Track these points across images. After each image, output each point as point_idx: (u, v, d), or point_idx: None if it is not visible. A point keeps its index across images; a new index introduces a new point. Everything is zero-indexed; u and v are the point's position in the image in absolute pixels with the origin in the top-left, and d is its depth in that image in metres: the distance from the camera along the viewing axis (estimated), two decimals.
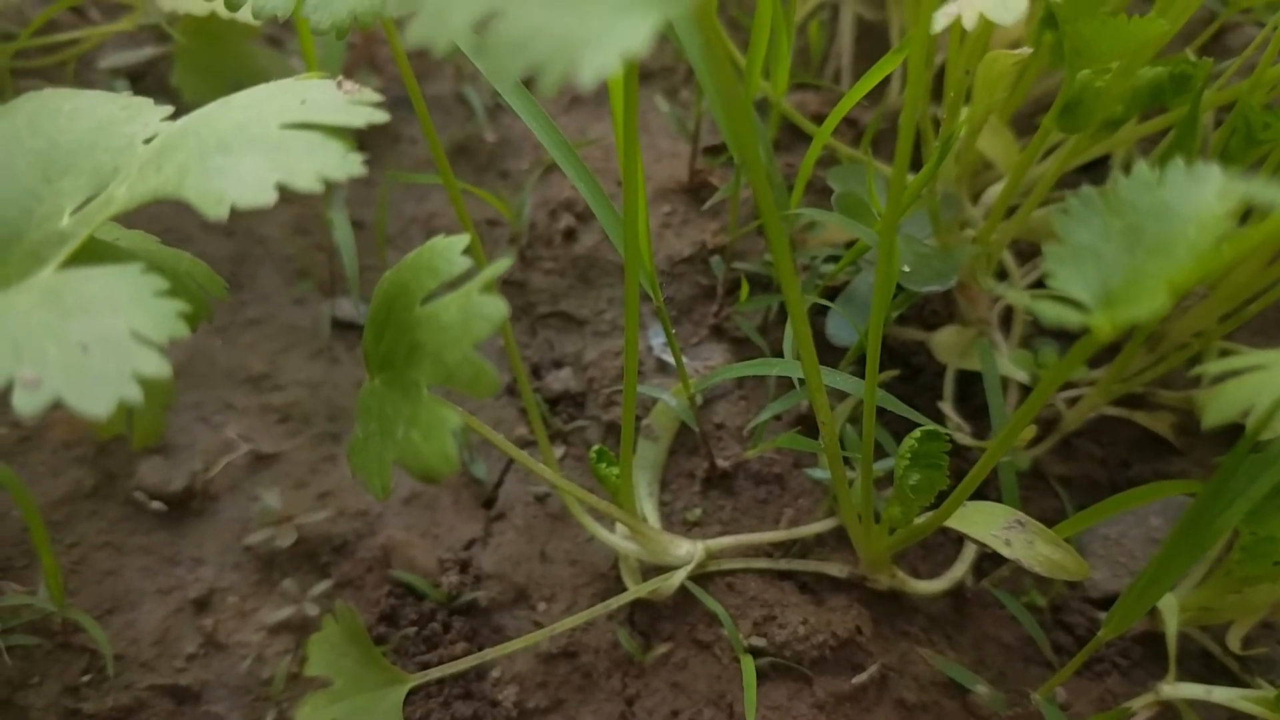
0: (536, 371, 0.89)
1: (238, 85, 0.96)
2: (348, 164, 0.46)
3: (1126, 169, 0.90)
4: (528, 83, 0.59)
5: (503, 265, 0.48)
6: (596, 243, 0.93)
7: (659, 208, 0.92)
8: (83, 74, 1.03)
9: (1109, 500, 0.63)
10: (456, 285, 0.50)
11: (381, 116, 0.48)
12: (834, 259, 0.82)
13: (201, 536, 0.81)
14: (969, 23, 0.49)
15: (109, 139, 0.52)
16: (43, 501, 0.81)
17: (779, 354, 0.85)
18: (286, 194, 0.45)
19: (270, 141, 0.46)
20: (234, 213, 0.45)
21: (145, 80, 1.03)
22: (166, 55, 1.02)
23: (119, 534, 0.80)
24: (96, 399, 0.40)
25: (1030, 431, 0.74)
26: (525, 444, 0.86)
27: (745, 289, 0.81)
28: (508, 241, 0.95)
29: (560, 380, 0.87)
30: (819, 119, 0.94)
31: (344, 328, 0.93)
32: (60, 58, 1.01)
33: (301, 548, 0.80)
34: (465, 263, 0.50)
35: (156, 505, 0.81)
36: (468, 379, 0.46)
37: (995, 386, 0.75)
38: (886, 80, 1.01)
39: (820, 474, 0.78)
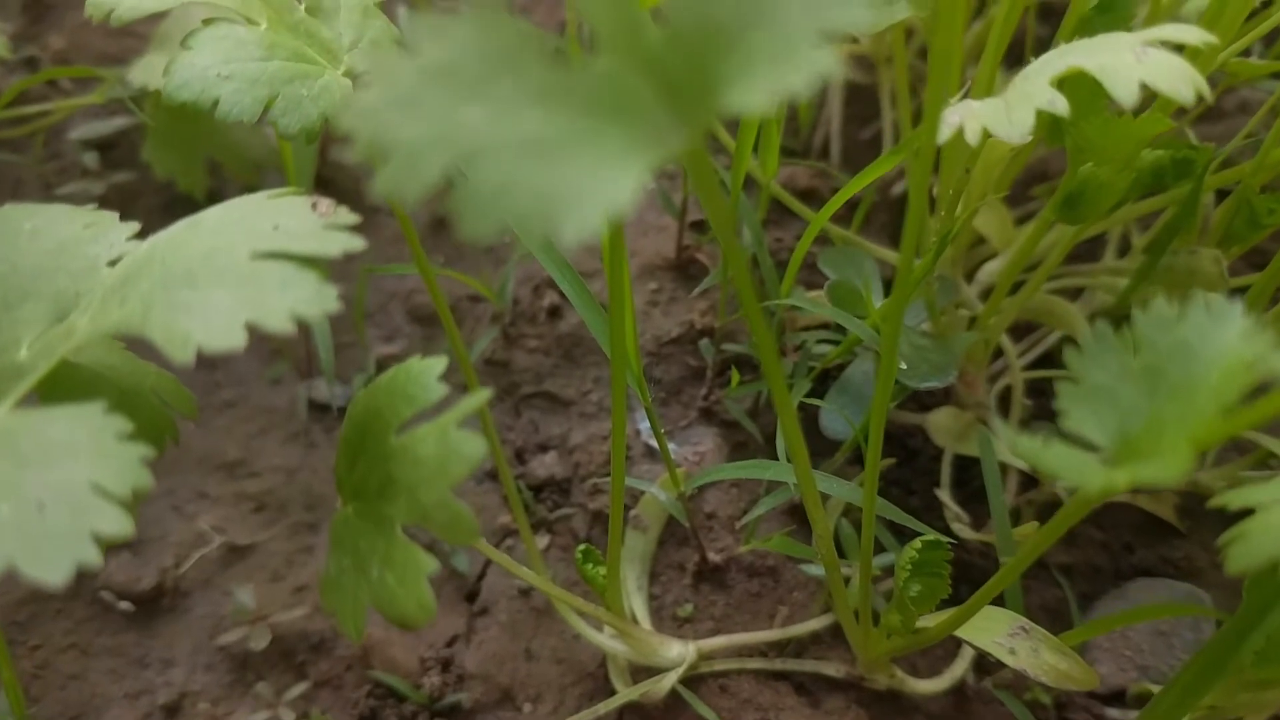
0: (520, 455, 0.86)
1: (210, 160, 0.94)
2: (321, 299, 0.43)
3: (1123, 247, 0.88)
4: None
5: (482, 397, 0.45)
6: (582, 320, 0.91)
7: (645, 285, 0.90)
8: (52, 144, 1.01)
9: (1121, 614, 0.60)
10: (435, 410, 0.48)
11: (357, 243, 0.45)
12: (827, 341, 0.80)
13: (172, 636, 0.78)
14: (972, 137, 0.47)
15: (71, 261, 0.49)
16: (5, 601, 0.77)
17: (770, 438, 0.82)
18: None
19: (240, 274, 0.44)
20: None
21: (116, 151, 1.00)
22: (138, 125, 0.99)
23: (85, 635, 0.77)
24: (52, 565, 0.37)
25: (1032, 528, 0.72)
26: (508, 532, 0.83)
27: (735, 378, 0.79)
28: (490, 319, 0.93)
29: (545, 466, 0.84)
30: (808, 195, 0.92)
31: (321, 409, 0.90)
32: (30, 129, 0.98)
33: (277, 646, 0.77)
34: (440, 390, 0.47)
35: (124, 605, 0.78)
36: (444, 523, 0.44)
37: (995, 479, 0.72)
38: (878, 149, 0.99)
39: (815, 570, 0.75)
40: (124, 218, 0.97)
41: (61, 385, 0.51)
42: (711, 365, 0.84)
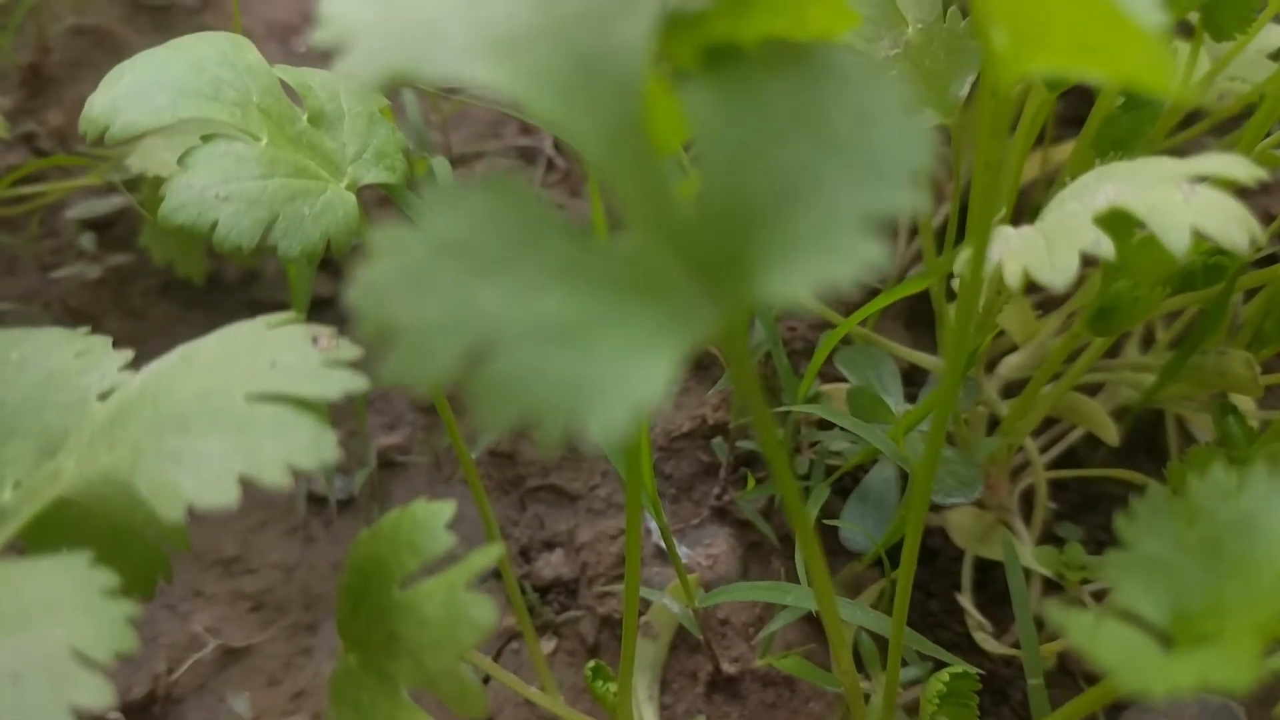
0: (526, 553, 0.83)
1: (208, 247, 0.92)
2: (319, 447, 0.41)
3: (1147, 338, 0.86)
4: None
5: (494, 553, 0.43)
6: None
7: None
8: (49, 222, 0.99)
9: None
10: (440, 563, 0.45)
11: (359, 384, 0.43)
12: (845, 441, 0.77)
13: None
14: (1012, 279, 0.44)
15: (60, 394, 0.47)
16: None
17: (785, 539, 0.80)
18: None
19: (235, 418, 0.41)
20: None
21: (114, 230, 0.98)
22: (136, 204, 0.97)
23: None
24: None
25: (1061, 645, 0.69)
26: (513, 635, 0.80)
27: (751, 482, 0.76)
28: None
29: (551, 566, 0.81)
30: None
31: (320, 503, 0.87)
32: (26, 209, 0.96)
33: None
34: (448, 541, 0.45)
35: (114, 716, 0.75)
36: (451, 694, 0.41)
37: (1021, 591, 0.69)
38: (893, 233, 0.97)
39: (832, 688, 0.72)
40: (121, 301, 0.95)
41: (49, 523, 0.48)
42: (725, 463, 0.81)
